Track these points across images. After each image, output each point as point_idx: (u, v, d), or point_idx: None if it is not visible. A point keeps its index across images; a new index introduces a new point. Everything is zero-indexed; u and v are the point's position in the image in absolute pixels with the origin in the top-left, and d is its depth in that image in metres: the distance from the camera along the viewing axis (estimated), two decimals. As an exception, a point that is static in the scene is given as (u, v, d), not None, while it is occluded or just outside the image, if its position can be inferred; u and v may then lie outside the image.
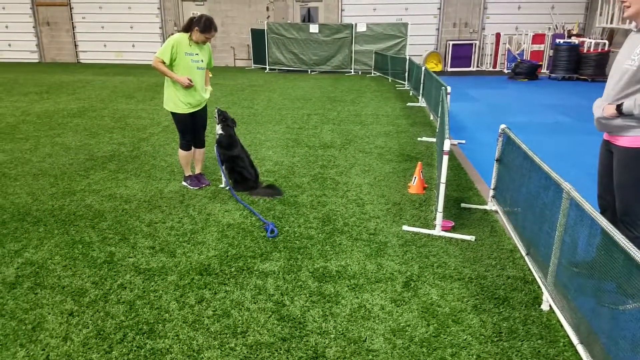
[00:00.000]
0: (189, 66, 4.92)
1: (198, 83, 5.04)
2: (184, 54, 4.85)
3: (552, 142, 7.55)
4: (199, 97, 5.12)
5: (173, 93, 4.99)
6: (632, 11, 2.93)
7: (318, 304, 3.18)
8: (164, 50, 4.82)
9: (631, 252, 2.07)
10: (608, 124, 3.05)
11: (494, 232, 4.30)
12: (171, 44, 4.81)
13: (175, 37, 4.87)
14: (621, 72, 2.94)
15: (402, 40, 17.46)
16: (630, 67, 2.88)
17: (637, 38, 2.89)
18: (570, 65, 15.13)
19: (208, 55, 5.17)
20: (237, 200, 4.96)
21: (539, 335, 2.87)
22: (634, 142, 2.93)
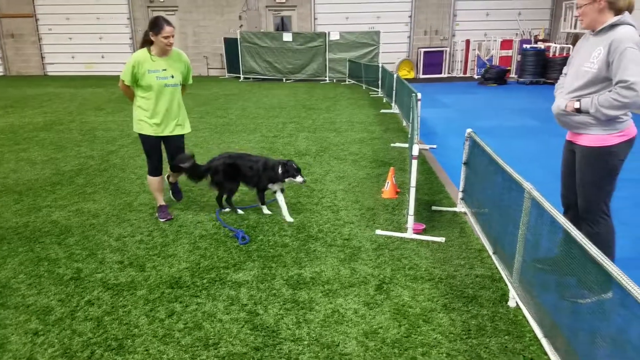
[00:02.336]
0: (156, 85, 4.38)
1: (168, 103, 4.48)
2: (147, 72, 4.32)
3: (521, 145, 7.74)
4: (170, 119, 4.57)
5: (139, 112, 4.53)
6: (586, 22, 3.06)
7: (292, 311, 3.19)
8: (125, 71, 4.36)
9: (587, 247, 2.14)
10: (568, 120, 3.15)
11: (463, 232, 4.38)
12: (131, 63, 4.33)
13: (134, 55, 4.36)
14: (581, 74, 3.06)
15: (375, 48, 17.70)
16: (590, 70, 3.00)
17: (594, 41, 3.01)
18: (537, 69, 15.55)
19: (181, 69, 4.53)
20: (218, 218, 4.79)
21: (506, 331, 2.94)
22: (594, 141, 3.04)
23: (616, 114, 2.90)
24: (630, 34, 2.83)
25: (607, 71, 2.89)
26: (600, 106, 2.90)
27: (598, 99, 2.92)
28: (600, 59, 2.92)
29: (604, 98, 2.89)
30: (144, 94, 4.44)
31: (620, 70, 2.80)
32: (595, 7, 2.96)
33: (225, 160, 4.82)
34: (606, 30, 2.94)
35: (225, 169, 4.78)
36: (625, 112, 2.94)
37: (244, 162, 4.80)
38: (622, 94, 2.80)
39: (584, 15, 3.04)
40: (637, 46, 2.81)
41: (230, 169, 4.79)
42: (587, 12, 3.01)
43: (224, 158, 4.87)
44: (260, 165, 4.75)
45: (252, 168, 4.75)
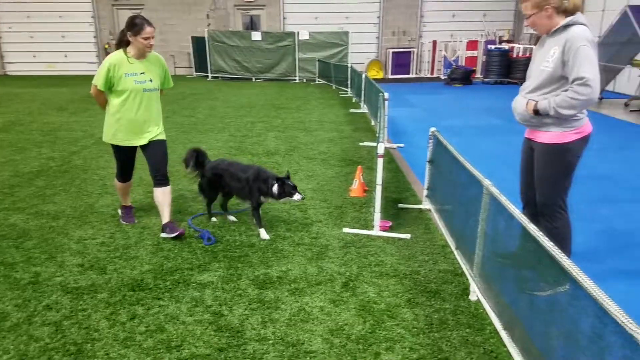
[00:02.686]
0: (134, 90, 4.04)
1: (147, 109, 4.16)
2: (124, 75, 3.99)
3: (485, 143, 7.92)
4: (149, 127, 4.20)
5: (113, 120, 4.14)
6: (540, 30, 3.16)
7: (257, 311, 3.17)
8: (98, 76, 4.00)
9: (542, 242, 2.21)
10: (529, 119, 3.24)
11: (428, 229, 4.46)
12: (106, 66, 3.96)
13: (110, 58, 4.01)
14: (539, 73, 3.15)
15: (344, 49, 17.78)
16: (546, 69, 3.09)
17: (550, 42, 3.11)
18: (501, 69, 15.92)
19: (159, 72, 4.21)
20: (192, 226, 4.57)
21: (467, 324, 3.00)
22: (552, 138, 3.13)
23: (574, 112, 2.98)
24: (583, 33, 2.94)
25: (563, 70, 2.98)
26: (558, 107, 2.97)
27: (555, 100, 2.99)
28: (555, 58, 3.01)
29: (560, 98, 2.96)
30: (120, 100, 4.06)
31: (576, 68, 2.89)
32: (543, 15, 3.06)
33: (214, 169, 4.53)
34: (560, 30, 3.04)
35: (212, 176, 4.51)
36: (582, 110, 3.04)
37: (232, 171, 4.45)
38: (578, 91, 2.89)
39: (535, 25, 3.14)
40: (590, 44, 2.91)
41: (217, 177, 4.50)
42: (536, 21, 3.11)
43: (216, 164, 4.59)
44: (250, 175, 4.34)
45: (240, 179, 4.37)
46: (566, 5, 3.01)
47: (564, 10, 3.02)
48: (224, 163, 4.63)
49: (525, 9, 3.13)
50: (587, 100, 2.91)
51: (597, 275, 1.96)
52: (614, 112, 10.91)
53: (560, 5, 3.01)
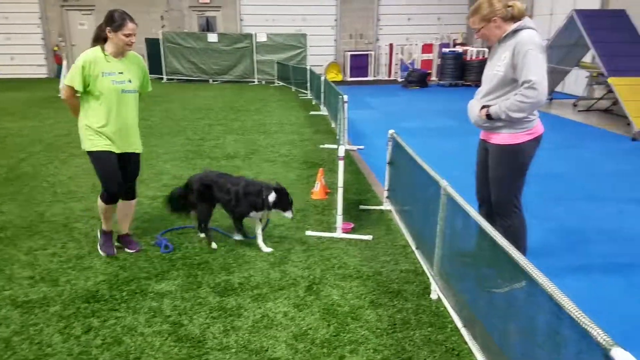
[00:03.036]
0: (111, 91, 3.65)
1: (125, 113, 3.76)
2: (101, 74, 3.59)
3: (442, 144, 8.10)
4: (127, 134, 3.82)
5: (89, 124, 3.71)
6: (492, 40, 3.27)
7: (219, 319, 3.11)
8: (72, 75, 3.58)
9: (498, 240, 2.27)
10: (484, 125, 3.33)
11: (389, 230, 4.51)
12: (80, 64, 3.55)
13: (85, 55, 3.60)
14: (491, 77, 3.25)
15: (303, 51, 17.82)
16: (498, 73, 3.19)
17: (501, 48, 3.22)
18: (456, 72, 16.36)
19: (139, 73, 3.85)
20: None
21: (429, 323, 3.05)
22: (505, 139, 3.23)
23: (524, 115, 3.08)
24: (531, 37, 3.05)
25: (514, 73, 3.09)
26: (508, 110, 3.07)
27: (505, 104, 3.08)
28: (506, 62, 3.11)
29: (510, 102, 3.06)
30: (96, 102, 3.65)
31: (524, 71, 3.00)
32: (492, 26, 3.17)
33: (202, 180, 4.21)
34: (510, 36, 3.15)
35: (200, 189, 4.16)
36: (532, 112, 3.15)
37: (221, 183, 4.14)
38: (526, 94, 2.99)
39: (485, 37, 3.26)
40: (538, 48, 3.02)
41: (207, 190, 4.15)
42: (486, 33, 3.22)
43: (202, 177, 4.27)
44: (240, 188, 4.06)
45: (230, 191, 4.07)
46: (512, 12, 3.13)
47: (511, 17, 3.14)
48: (212, 174, 4.28)
49: (474, 24, 3.24)
50: (534, 103, 3.02)
51: (551, 271, 2.03)
52: (564, 112, 11.40)
53: (506, 14, 3.13)
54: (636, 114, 8.57)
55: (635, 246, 4.25)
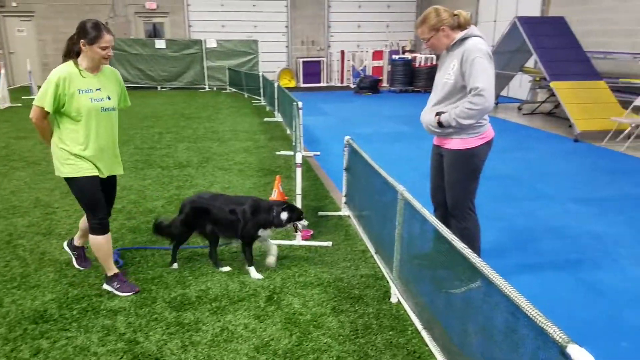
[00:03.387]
0: (90, 110, 3.28)
1: (106, 133, 3.42)
2: (78, 92, 3.23)
3: (395, 149, 8.25)
4: (109, 156, 3.49)
5: (67, 148, 3.32)
6: (441, 49, 3.37)
7: (176, 334, 3.02)
8: (42, 94, 3.18)
9: (454, 242, 2.33)
10: (437, 131, 3.42)
11: (348, 235, 4.54)
12: (54, 81, 3.16)
13: (58, 71, 3.21)
14: (442, 85, 3.35)
15: (254, 57, 17.74)
16: (448, 81, 3.29)
17: (450, 56, 3.33)
18: (406, 78, 16.71)
19: (116, 89, 3.50)
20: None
21: (390, 327, 3.09)
22: (458, 145, 3.33)
23: (474, 121, 3.19)
24: (478, 45, 3.16)
25: (463, 81, 3.20)
26: (458, 117, 3.17)
27: (455, 111, 3.18)
28: (455, 70, 3.22)
29: (459, 110, 3.16)
30: (72, 123, 3.29)
31: (472, 78, 3.11)
32: (440, 35, 3.27)
33: (193, 203, 3.85)
34: (458, 44, 3.26)
35: (190, 212, 3.82)
36: (481, 118, 3.26)
37: (219, 206, 3.80)
38: (473, 101, 3.10)
39: (435, 46, 3.35)
40: (485, 55, 3.14)
41: (199, 213, 3.80)
42: (435, 42, 3.32)
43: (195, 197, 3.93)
44: (247, 207, 3.74)
45: (234, 212, 3.75)
46: (458, 20, 3.25)
47: (458, 26, 3.26)
48: (205, 196, 3.95)
49: (422, 34, 3.32)
50: (482, 109, 3.12)
51: (504, 270, 2.11)
52: (509, 115, 11.89)
53: (453, 22, 3.24)
54: (577, 116, 9.02)
55: (580, 243, 4.47)
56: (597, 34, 11.39)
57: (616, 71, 10.62)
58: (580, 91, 9.44)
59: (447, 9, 3.29)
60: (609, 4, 11.09)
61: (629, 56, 9.95)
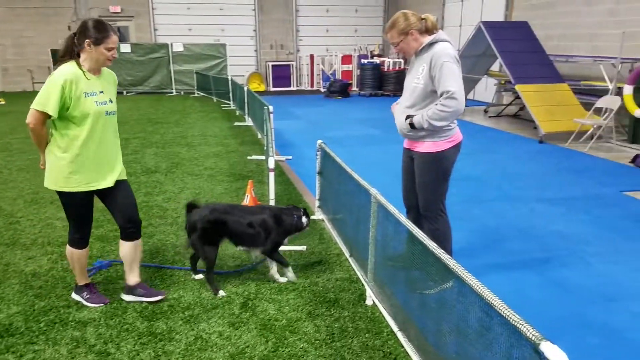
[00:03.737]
0: (96, 114, 3.08)
1: (109, 138, 3.23)
2: (84, 95, 3.01)
3: (366, 152, 8.31)
4: (113, 162, 3.28)
5: (63, 160, 3.08)
6: (410, 53, 3.43)
7: (149, 345, 2.96)
8: (45, 97, 2.93)
9: (427, 244, 2.37)
10: (409, 134, 3.47)
11: (323, 239, 4.54)
12: (59, 83, 2.92)
13: (64, 72, 2.97)
14: (411, 89, 3.42)
15: (223, 61, 17.63)
16: (417, 85, 3.35)
17: (418, 61, 3.39)
18: (375, 82, 16.90)
19: (115, 92, 3.33)
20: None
21: (366, 329, 3.11)
22: (429, 148, 3.39)
23: (446, 123, 3.25)
24: (445, 50, 3.23)
25: (433, 85, 3.25)
26: (431, 119, 3.22)
27: (427, 113, 3.24)
28: (424, 74, 3.28)
29: (432, 112, 3.22)
30: (76, 129, 3.04)
31: (442, 82, 3.17)
32: (409, 39, 3.33)
33: (210, 216, 3.60)
34: (426, 49, 3.33)
35: (207, 226, 3.57)
36: (452, 120, 3.33)
37: (236, 219, 3.62)
38: (446, 104, 3.16)
39: (404, 50, 3.41)
40: (453, 59, 3.21)
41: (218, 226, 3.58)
42: (404, 47, 3.38)
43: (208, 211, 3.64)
44: (268, 217, 3.66)
45: (253, 224, 3.62)
46: (426, 24, 3.32)
47: (426, 30, 3.32)
48: (220, 207, 3.73)
49: (392, 38, 3.38)
50: (454, 112, 3.19)
51: (475, 270, 2.14)
52: (476, 118, 12.16)
53: (421, 27, 3.31)
54: (542, 118, 9.29)
55: (548, 242, 4.60)
56: (559, 38, 11.78)
57: (578, 74, 11.00)
58: (544, 94, 9.71)
59: (415, 13, 3.35)
60: (570, 9, 11.49)
61: (590, 59, 10.30)
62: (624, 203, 5.71)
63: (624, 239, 4.66)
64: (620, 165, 7.50)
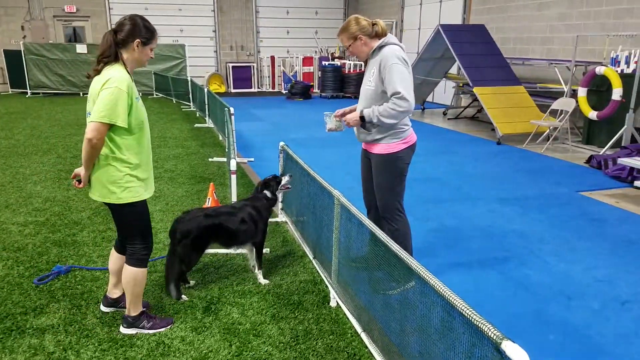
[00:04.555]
0: (145, 120, 2.89)
1: (150, 147, 3.01)
2: (136, 100, 2.79)
3: (328, 154, 8.35)
4: (152, 172, 3.05)
5: (121, 173, 2.79)
6: (362, 56, 3.50)
7: (110, 351, 2.88)
8: (112, 107, 2.63)
9: (389, 245, 2.39)
10: (365, 136, 3.51)
11: (286, 241, 4.53)
12: (124, 90, 2.66)
13: (123, 77, 2.69)
14: (365, 91, 3.49)
15: (182, 62, 17.32)
16: (370, 87, 3.43)
17: (370, 63, 3.47)
18: (336, 84, 16.97)
19: None
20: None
21: (330, 331, 3.12)
22: (384, 149, 3.46)
23: (394, 122, 3.32)
24: (394, 52, 3.30)
25: (383, 86, 3.32)
26: (380, 115, 3.30)
27: (378, 109, 3.32)
28: (375, 77, 3.37)
29: (382, 108, 3.29)
30: (129, 137, 2.77)
31: (391, 84, 3.25)
32: (359, 44, 3.42)
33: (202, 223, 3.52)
34: (376, 52, 3.41)
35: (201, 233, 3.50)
36: (400, 121, 3.36)
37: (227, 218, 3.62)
38: (397, 103, 3.24)
39: (355, 54, 3.49)
40: (401, 61, 3.27)
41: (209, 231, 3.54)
42: (354, 50, 3.46)
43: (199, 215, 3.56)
44: (250, 209, 3.70)
45: (245, 220, 3.65)
46: (376, 29, 3.40)
47: (376, 35, 3.40)
48: (210, 211, 3.67)
49: (343, 41, 3.48)
50: (404, 111, 3.27)
51: (436, 269, 2.20)
52: (435, 120, 12.40)
53: (371, 32, 3.39)
54: (499, 120, 9.55)
55: (506, 241, 4.73)
56: (514, 41, 12.17)
57: (534, 76, 11.40)
58: (502, 96, 9.99)
59: (367, 18, 3.42)
60: (524, 13, 11.89)
61: (545, 62, 10.66)
62: (580, 202, 5.94)
63: (579, 238, 4.84)
64: (576, 166, 7.82)
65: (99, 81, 2.70)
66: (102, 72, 2.73)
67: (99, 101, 2.65)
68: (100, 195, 2.85)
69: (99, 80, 2.70)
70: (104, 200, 2.86)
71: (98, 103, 2.65)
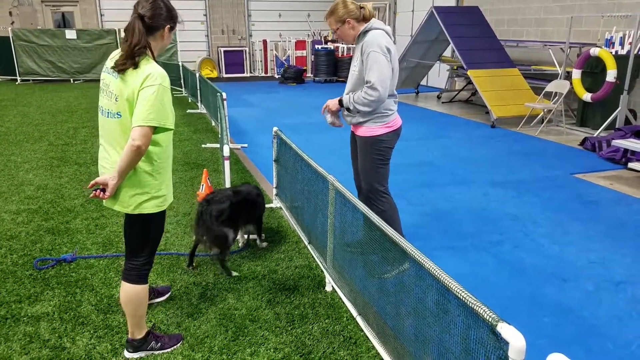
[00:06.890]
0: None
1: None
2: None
3: (322, 139, 8.31)
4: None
5: (149, 180, 2.48)
6: (348, 40, 3.47)
7: (105, 337, 2.88)
8: (159, 108, 2.31)
9: (384, 228, 2.39)
10: (350, 119, 3.53)
11: (281, 227, 4.52)
12: (168, 88, 2.38)
13: (163, 74, 2.39)
14: (351, 76, 3.50)
15: (173, 46, 17.12)
16: (354, 72, 3.43)
17: (356, 48, 3.44)
18: (329, 68, 16.85)
19: None
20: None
21: (326, 315, 3.13)
22: (366, 132, 3.47)
23: (367, 109, 3.33)
24: (375, 39, 3.26)
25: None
26: (355, 103, 3.33)
27: (353, 97, 3.34)
28: (358, 62, 3.37)
29: (357, 96, 3.31)
30: (164, 141, 2.47)
31: (367, 72, 3.25)
32: (346, 27, 3.39)
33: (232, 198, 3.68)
34: (361, 37, 3.39)
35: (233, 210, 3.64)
36: (382, 106, 3.36)
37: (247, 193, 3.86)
38: (368, 92, 3.24)
39: (342, 37, 3.47)
40: (380, 49, 3.24)
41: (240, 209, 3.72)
42: (342, 34, 3.44)
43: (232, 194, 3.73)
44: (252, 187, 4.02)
45: (261, 195, 4.06)
46: (363, 13, 3.37)
47: (363, 18, 3.38)
48: (236, 190, 3.86)
49: (331, 25, 3.46)
50: (376, 101, 3.27)
51: (431, 252, 2.20)
52: (429, 104, 12.37)
53: (358, 15, 3.36)
54: (494, 103, 9.52)
55: (501, 224, 4.75)
56: (508, 23, 12.09)
57: (528, 59, 11.35)
58: (496, 79, 9.95)
59: (354, 1, 3.37)
60: (516, -5, 11.79)
61: (539, 44, 10.61)
62: (574, 185, 5.96)
63: (573, 220, 4.87)
64: (570, 148, 7.83)
65: (136, 77, 2.32)
66: (140, 67, 2.35)
67: (143, 102, 2.28)
68: (125, 205, 2.49)
69: (135, 75, 2.33)
70: (126, 210, 2.51)
71: (143, 104, 2.28)
